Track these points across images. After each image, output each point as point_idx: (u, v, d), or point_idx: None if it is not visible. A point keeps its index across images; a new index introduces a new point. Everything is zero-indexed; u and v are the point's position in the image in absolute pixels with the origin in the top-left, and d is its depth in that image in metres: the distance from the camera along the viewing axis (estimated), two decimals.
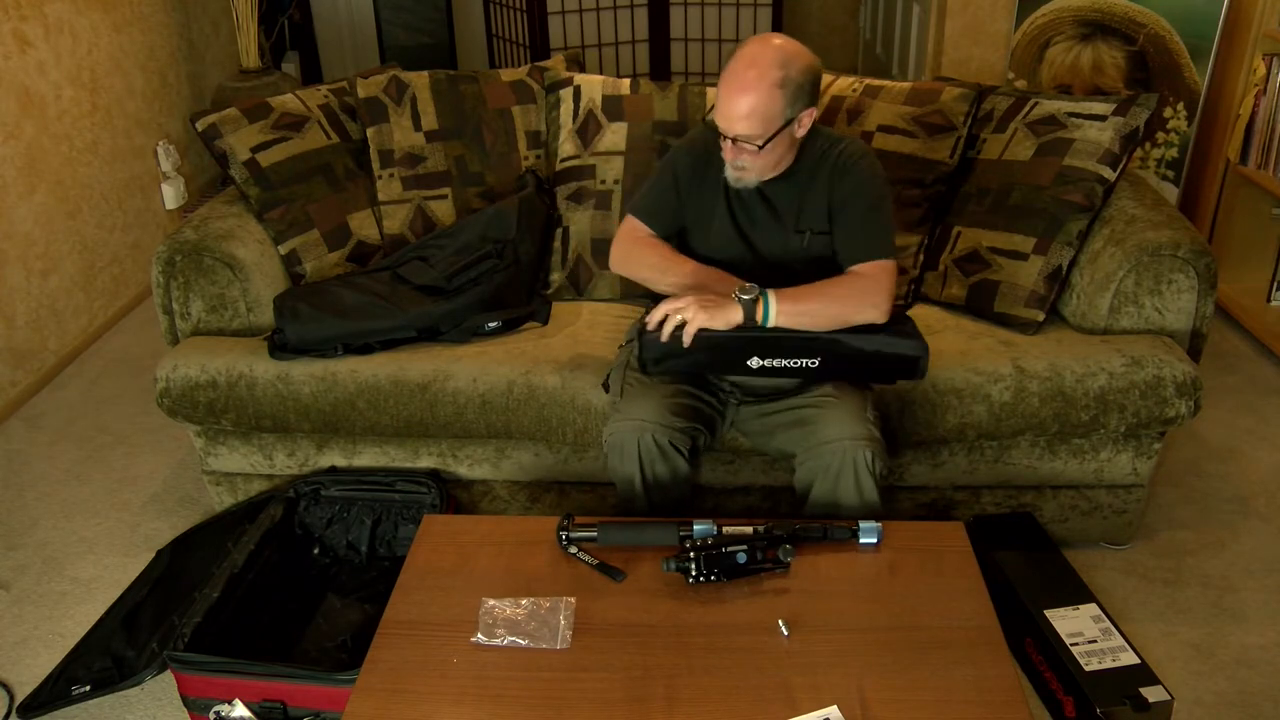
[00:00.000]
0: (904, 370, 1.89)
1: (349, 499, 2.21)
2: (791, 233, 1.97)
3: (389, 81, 2.53)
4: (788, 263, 1.99)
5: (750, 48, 1.83)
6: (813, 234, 1.97)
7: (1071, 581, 2.01)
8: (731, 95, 1.81)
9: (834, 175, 1.94)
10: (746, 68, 1.80)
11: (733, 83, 1.81)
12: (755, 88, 1.79)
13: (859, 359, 1.87)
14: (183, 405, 2.19)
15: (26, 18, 3.08)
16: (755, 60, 1.80)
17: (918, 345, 1.87)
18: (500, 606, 1.58)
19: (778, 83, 1.79)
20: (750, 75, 1.79)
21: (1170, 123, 3.34)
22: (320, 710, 1.75)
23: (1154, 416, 2.06)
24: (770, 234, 1.99)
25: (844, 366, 1.89)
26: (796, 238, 1.97)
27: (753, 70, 1.80)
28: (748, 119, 1.81)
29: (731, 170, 1.93)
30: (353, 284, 2.29)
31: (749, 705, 1.41)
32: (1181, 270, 2.11)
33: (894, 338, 1.87)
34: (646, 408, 1.89)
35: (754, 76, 1.79)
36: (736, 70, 1.81)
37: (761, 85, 1.79)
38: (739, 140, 1.85)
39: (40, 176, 3.12)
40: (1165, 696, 1.74)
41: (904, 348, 1.87)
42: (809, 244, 1.97)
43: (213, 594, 1.89)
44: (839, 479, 1.82)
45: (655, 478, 1.90)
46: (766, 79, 1.79)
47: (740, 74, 1.80)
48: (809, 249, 1.97)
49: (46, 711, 1.96)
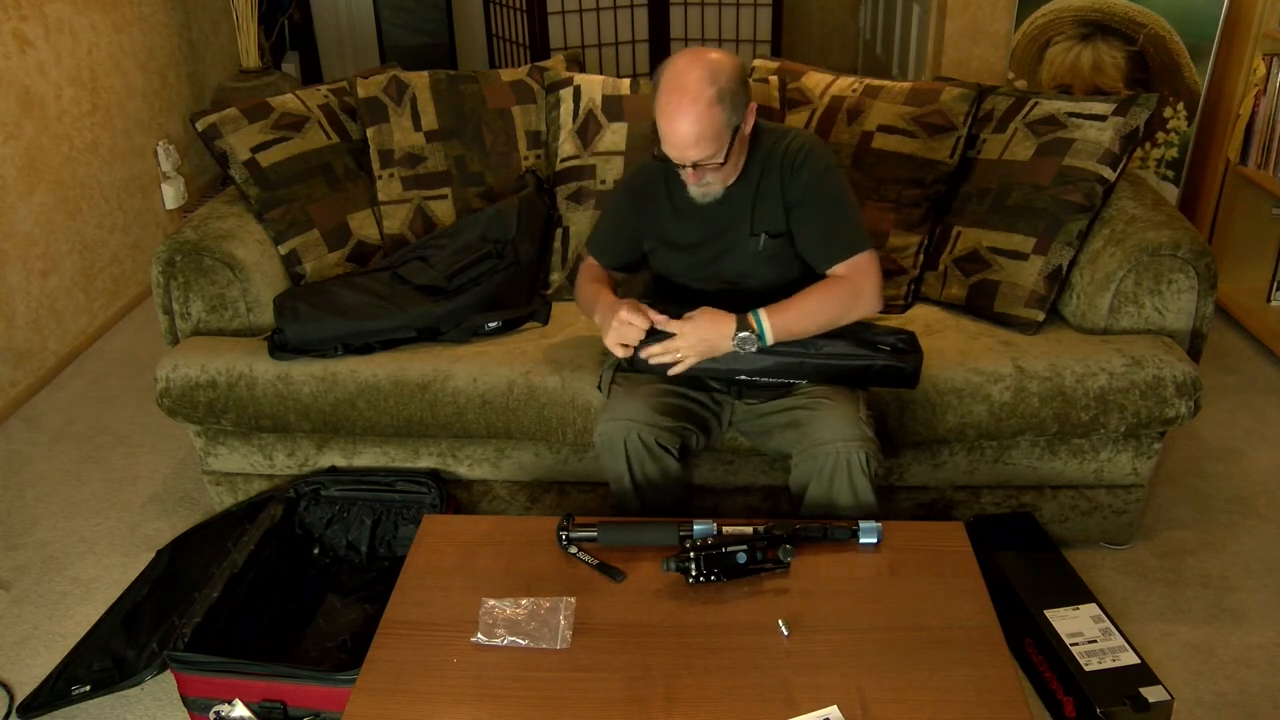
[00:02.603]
0: (897, 381, 1.92)
1: (349, 499, 2.21)
2: (747, 236, 1.98)
3: (389, 81, 2.53)
4: (745, 268, 2.00)
5: (674, 76, 1.79)
6: (768, 237, 1.97)
7: (1071, 581, 2.00)
8: (674, 127, 1.79)
9: (784, 173, 1.94)
10: (680, 94, 1.77)
11: (671, 114, 1.78)
12: (694, 113, 1.77)
13: (849, 375, 1.92)
14: (183, 405, 2.19)
15: (26, 18, 3.08)
16: (684, 87, 1.77)
17: (912, 359, 1.89)
18: (500, 606, 1.58)
19: (714, 100, 1.77)
20: (686, 102, 1.77)
21: (1170, 123, 3.34)
22: (320, 710, 1.75)
23: (1154, 416, 2.06)
24: (726, 239, 1.99)
25: (834, 379, 1.94)
26: (752, 241, 1.98)
27: (685, 96, 1.77)
28: (698, 145, 1.80)
29: (698, 189, 1.93)
30: (353, 284, 2.29)
31: (749, 705, 1.41)
32: (1181, 270, 2.11)
33: (886, 357, 1.90)
34: (633, 407, 1.89)
35: (689, 102, 1.77)
36: (670, 101, 1.78)
37: (699, 108, 1.77)
38: (699, 165, 1.84)
39: (40, 176, 3.12)
40: (1165, 696, 1.74)
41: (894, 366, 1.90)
42: (764, 246, 1.97)
43: (213, 594, 1.89)
44: (833, 480, 1.83)
45: (646, 477, 1.90)
46: (702, 100, 1.77)
47: (676, 104, 1.78)
48: (764, 251, 1.98)
49: (46, 711, 1.96)
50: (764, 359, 1.89)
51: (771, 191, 1.95)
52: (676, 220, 2.03)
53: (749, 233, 1.97)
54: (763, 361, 1.89)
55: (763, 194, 1.96)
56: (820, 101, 2.46)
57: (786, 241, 1.97)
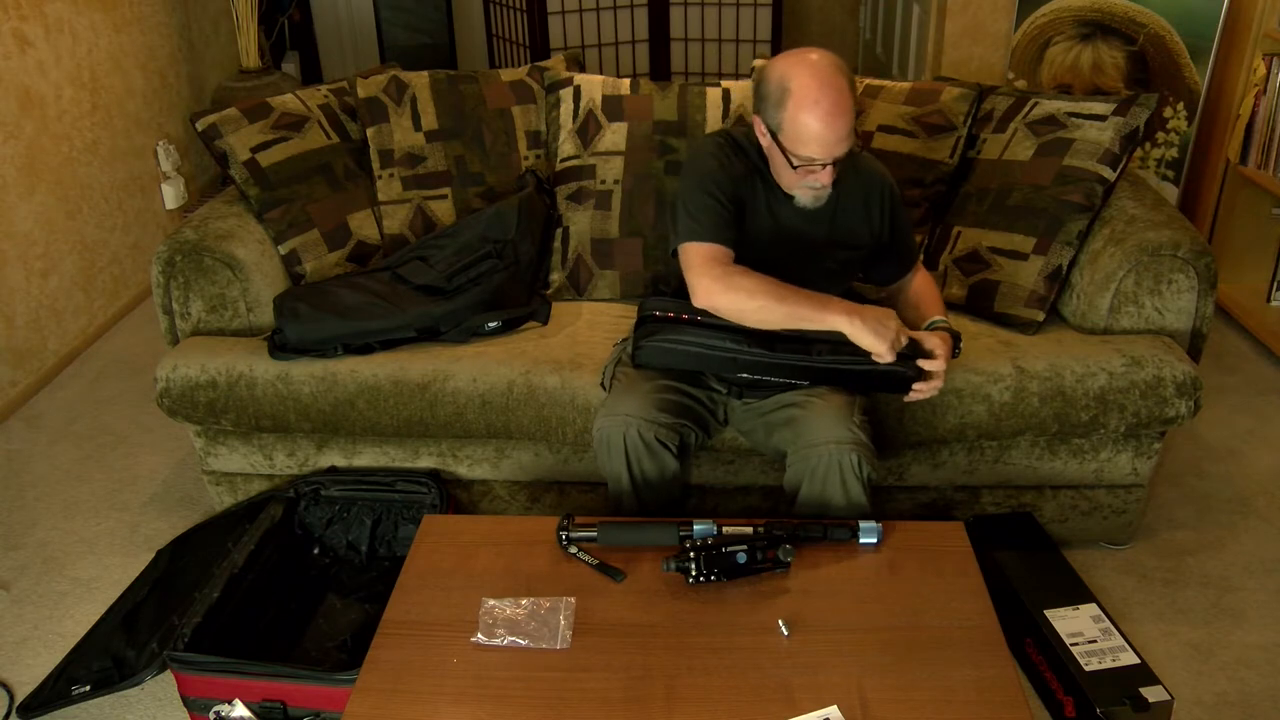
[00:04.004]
0: (899, 388, 1.93)
1: (349, 499, 2.21)
2: (825, 248, 2.00)
3: (389, 81, 2.53)
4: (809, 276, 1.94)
5: (814, 75, 1.80)
6: (848, 248, 2.01)
7: (1071, 581, 2.01)
8: (832, 121, 1.79)
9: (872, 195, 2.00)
10: (832, 89, 1.79)
11: (828, 110, 1.78)
12: (848, 105, 1.80)
13: (851, 379, 1.91)
14: (183, 405, 2.19)
15: (26, 18, 3.08)
16: (831, 81, 1.79)
17: (914, 366, 1.89)
18: (500, 606, 1.58)
19: (850, 88, 1.82)
20: (840, 96, 1.79)
21: (1170, 123, 3.34)
22: (320, 710, 1.75)
23: (1154, 416, 2.06)
24: (799, 249, 1.99)
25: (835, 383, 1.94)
26: (834, 252, 2.00)
27: (837, 91, 1.79)
28: (849, 137, 1.83)
29: (814, 191, 1.91)
30: (353, 284, 2.29)
31: (749, 705, 1.41)
32: (1181, 270, 2.11)
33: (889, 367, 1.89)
34: (632, 403, 1.89)
35: (842, 96, 1.80)
36: (824, 96, 1.78)
37: (846, 100, 1.80)
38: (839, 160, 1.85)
39: (40, 176, 3.12)
40: (1165, 696, 1.74)
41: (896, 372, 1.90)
42: (843, 260, 2.01)
43: (213, 594, 1.89)
44: (825, 482, 1.83)
45: (644, 475, 1.90)
46: (847, 91, 1.81)
47: (830, 98, 1.79)
48: (842, 264, 2.02)
49: (46, 711, 1.96)
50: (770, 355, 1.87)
51: (853, 208, 1.99)
52: (758, 222, 1.98)
53: (826, 244, 1.99)
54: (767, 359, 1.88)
55: (842, 210, 1.98)
56: None
57: (859, 256, 2.03)
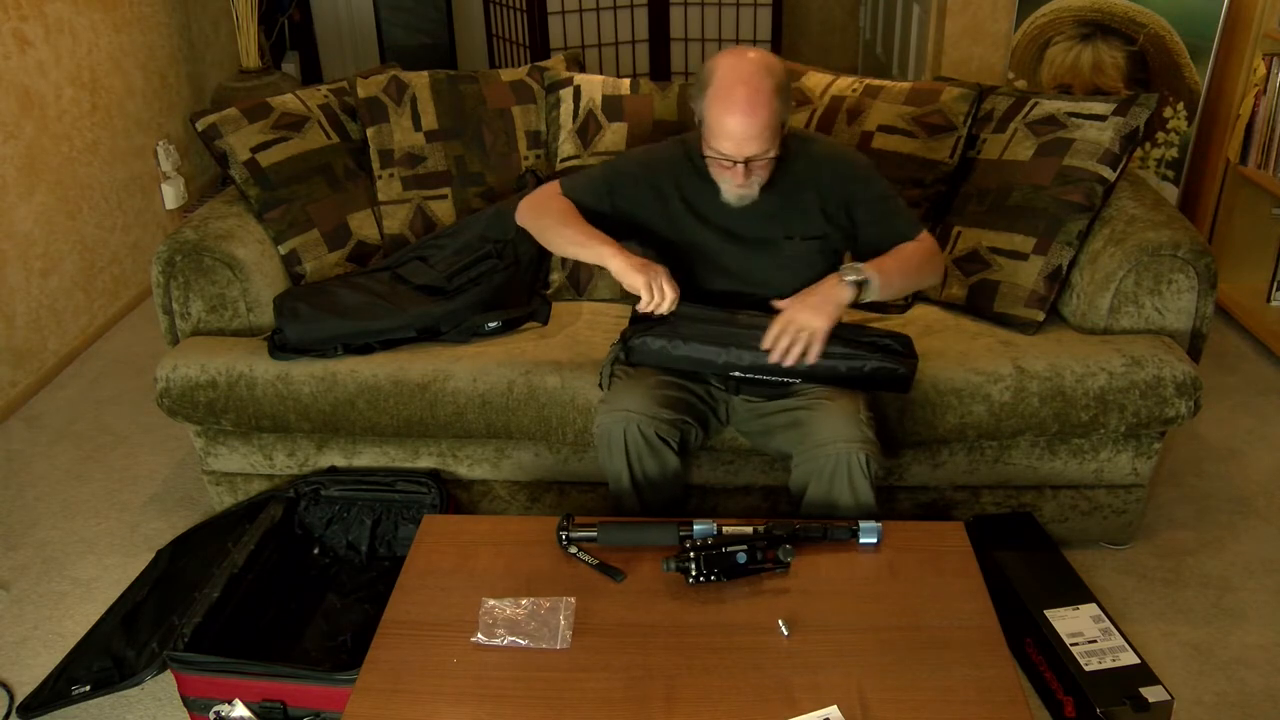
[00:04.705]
0: (891, 385, 1.93)
1: (349, 499, 2.21)
2: (780, 239, 1.98)
3: (389, 81, 2.53)
4: (769, 274, 1.98)
5: (731, 70, 1.78)
6: (801, 239, 1.97)
7: (1071, 581, 2.00)
8: (740, 120, 1.77)
9: (824, 180, 1.95)
10: (745, 88, 1.76)
11: (737, 107, 1.76)
12: (762, 104, 1.76)
13: (842, 376, 1.92)
14: (183, 405, 2.19)
15: (26, 18, 3.08)
16: (747, 78, 1.77)
17: (906, 363, 1.89)
18: (500, 606, 1.58)
19: (773, 92, 1.78)
20: (753, 94, 1.76)
21: (1170, 123, 3.34)
22: (320, 710, 1.75)
23: (1154, 416, 2.06)
24: (754, 246, 1.98)
25: (827, 380, 1.93)
26: (787, 244, 1.98)
27: (748, 88, 1.76)
28: (760, 137, 1.79)
29: (737, 190, 1.90)
30: (353, 284, 2.29)
31: (749, 705, 1.41)
32: (1181, 270, 2.11)
33: (879, 359, 1.90)
34: (633, 399, 1.88)
35: (757, 95, 1.76)
36: (735, 93, 1.77)
37: (764, 99, 1.77)
38: (753, 160, 1.83)
39: (40, 176, 3.12)
40: (1165, 696, 1.74)
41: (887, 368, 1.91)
42: (798, 250, 1.98)
43: (213, 594, 1.89)
44: (833, 481, 1.82)
45: (645, 472, 1.90)
46: (764, 91, 1.77)
47: (742, 96, 1.76)
48: (798, 254, 1.98)
49: (46, 711, 1.96)
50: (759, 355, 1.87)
51: (803, 197, 1.96)
52: (700, 225, 1.98)
53: (782, 236, 1.97)
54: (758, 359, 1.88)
55: (792, 200, 1.96)
56: (820, 101, 2.46)
57: (818, 245, 1.98)
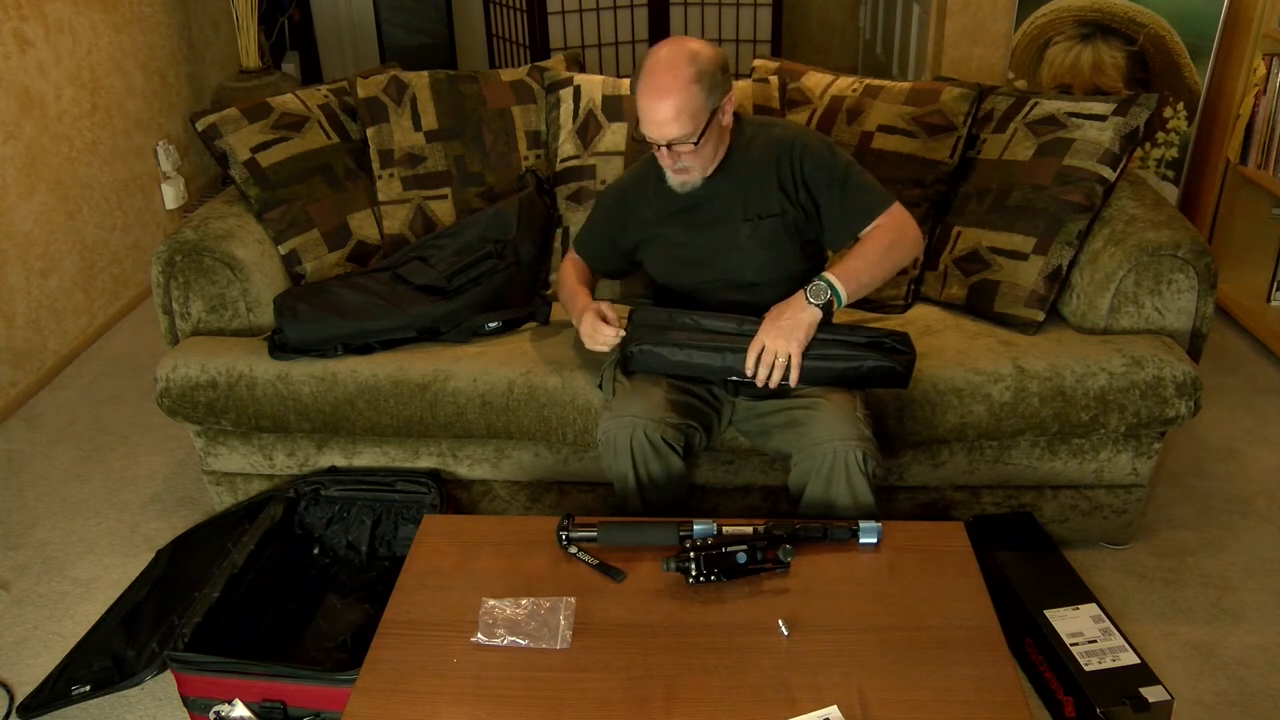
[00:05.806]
0: (888, 381, 1.93)
1: (349, 499, 2.21)
2: (739, 223, 2.00)
3: (389, 81, 2.53)
4: (738, 259, 2.02)
5: (656, 55, 1.87)
6: (760, 219, 2.00)
7: (1071, 581, 2.00)
8: (652, 103, 1.85)
9: (781, 160, 1.98)
10: (660, 73, 1.84)
11: (650, 91, 1.85)
12: (673, 88, 1.83)
13: (839, 375, 1.92)
14: (183, 405, 2.19)
15: (26, 18, 3.08)
16: (666, 64, 1.85)
17: (902, 360, 1.89)
18: (500, 606, 1.58)
19: (692, 78, 1.84)
20: (666, 79, 1.84)
21: (1170, 123, 3.34)
22: (320, 710, 1.75)
23: (1154, 416, 2.06)
24: (718, 233, 2.02)
25: (824, 380, 1.93)
26: (745, 226, 2.00)
27: (666, 74, 1.84)
28: (676, 120, 1.85)
29: (675, 176, 1.97)
30: (353, 284, 2.29)
31: (749, 705, 1.41)
32: (1181, 270, 2.11)
33: (876, 357, 1.90)
34: (639, 404, 1.89)
35: (670, 79, 1.83)
36: (650, 79, 1.85)
37: (678, 84, 1.83)
38: (674, 144, 1.88)
39: (40, 176, 3.12)
40: (1165, 696, 1.74)
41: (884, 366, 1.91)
42: (757, 230, 2.00)
43: (213, 594, 1.89)
44: (831, 480, 1.83)
45: (650, 476, 1.90)
46: (681, 77, 1.83)
47: (655, 80, 1.85)
48: (756, 235, 2.00)
49: (46, 711, 1.96)
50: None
51: (760, 179, 1.99)
52: (668, 220, 2.06)
53: (741, 218, 2.00)
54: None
55: (750, 183, 2.00)
56: (820, 101, 2.46)
57: (778, 223, 2.00)
